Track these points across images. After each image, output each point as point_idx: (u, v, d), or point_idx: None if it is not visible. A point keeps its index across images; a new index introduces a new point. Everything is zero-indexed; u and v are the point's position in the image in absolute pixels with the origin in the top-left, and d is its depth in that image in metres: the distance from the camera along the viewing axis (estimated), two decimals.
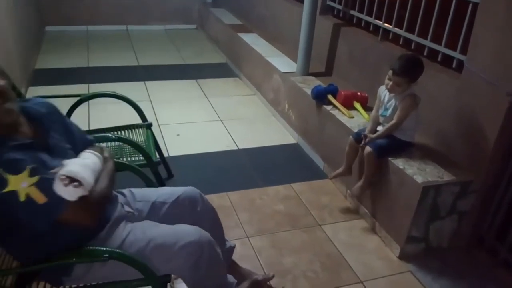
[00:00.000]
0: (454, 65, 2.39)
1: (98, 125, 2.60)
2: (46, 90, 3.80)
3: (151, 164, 2.23)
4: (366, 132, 2.39)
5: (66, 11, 5.73)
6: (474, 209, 2.26)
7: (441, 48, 2.46)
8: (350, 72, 3.31)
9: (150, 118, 2.72)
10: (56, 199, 1.25)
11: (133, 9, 6.09)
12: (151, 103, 3.89)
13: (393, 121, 2.29)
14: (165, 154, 2.93)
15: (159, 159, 2.46)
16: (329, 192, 2.80)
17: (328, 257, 2.24)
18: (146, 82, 4.33)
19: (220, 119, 3.71)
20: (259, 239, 2.33)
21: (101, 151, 1.55)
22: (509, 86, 1.98)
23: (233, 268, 1.87)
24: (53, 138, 1.43)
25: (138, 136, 2.50)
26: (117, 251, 1.40)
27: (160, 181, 2.36)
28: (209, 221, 1.74)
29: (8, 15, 3.56)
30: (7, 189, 1.20)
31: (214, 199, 2.62)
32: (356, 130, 2.54)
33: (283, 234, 2.39)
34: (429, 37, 2.53)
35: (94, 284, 1.50)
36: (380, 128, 2.40)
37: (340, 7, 3.45)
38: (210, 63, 5.11)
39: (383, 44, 2.95)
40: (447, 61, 2.45)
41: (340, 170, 2.58)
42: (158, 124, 3.49)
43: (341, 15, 3.49)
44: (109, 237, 1.47)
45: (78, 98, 2.50)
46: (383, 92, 2.39)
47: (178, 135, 3.38)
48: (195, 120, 3.66)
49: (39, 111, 1.45)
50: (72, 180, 1.27)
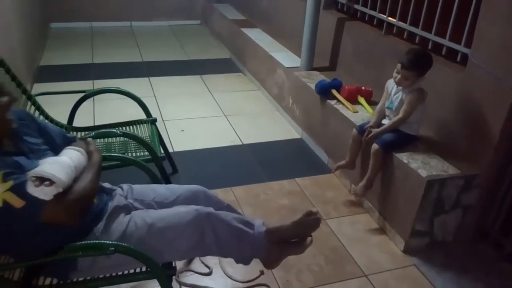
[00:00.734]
0: (459, 59, 2.38)
1: (103, 121, 2.62)
2: (51, 87, 3.82)
3: (156, 160, 2.25)
4: (371, 125, 2.39)
5: (71, 8, 5.76)
6: (479, 203, 2.26)
7: (446, 42, 2.45)
8: (354, 67, 3.30)
9: (155, 114, 2.73)
10: (33, 201, 1.24)
11: (137, 6, 6.11)
12: (156, 99, 3.90)
13: (400, 116, 2.28)
14: (170, 150, 2.94)
15: (164, 155, 2.48)
16: (334, 187, 2.81)
17: (333, 251, 2.25)
18: (151, 78, 4.34)
19: (224, 115, 3.72)
20: None
21: (87, 146, 1.52)
22: None
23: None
24: (26, 142, 1.43)
25: (143, 132, 2.51)
26: (123, 245, 1.40)
27: (165, 176, 2.37)
28: None
29: (14, 12, 3.58)
30: None
31: (219, 194, 2.59)
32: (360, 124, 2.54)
33: None
34: (434, 31, 2.52)
35: (101, 277, 1.52)
36: (385, 121, 2.40)
37: (344, 1, 3.44)
38: (214, 59, 5.12)
39: (387, 38, 2.94)
40: (452, 55, 2.44)
41: (343, 162, 2.59)
42: (163, 120, 3.50)
43: (345, 9, 3.48)
44: (109, 228, 1.48)
45: (83, 94, 2.52)
46: (391, 85, 2.39)
47: (183, 131, 3.39)
48: (199, 116, 3.67)
49: None
50: (43, 180, 1.25)
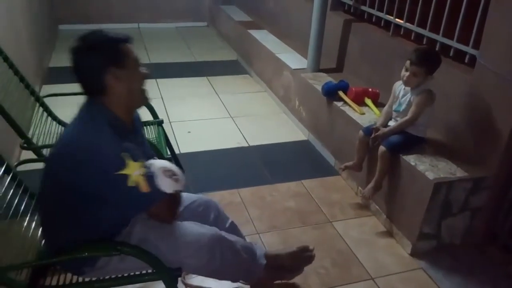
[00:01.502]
0: (467, 60, 2.36)
1: None
2: (60, 88, 3.80)
3: None
4: (378, 125, 2.38)
5: (79, 10, 5.80)
6: (487, 206, 2.24)
7: (453, 43, 2.43)
8: (361, 68, 3.29)
9: (161, 115, 2.73)
10: (156, 191, 1.34)
11: (145, 8, 6.14)
12: (162, 100, 3.91)
13: (407, 117, 2.26)
14: (176, 151, 2.95)
15: (170, 156, 2.48)
16: (340, 189, 2.79)
17: (339, 254, 2.24)
18: (158, 80, 4.35)
19: (231, 116, 3.72)
20: (270, 236, 2.34)
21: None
22: None
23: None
24: (139, 136, 1.58)
25: (150, 133, 2.52)
26: (128, 244, 1.44)
27: None
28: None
29: (23, 14, 3.62)
30: (124, 172, 1.29)
31: (225, 196, 2.63)
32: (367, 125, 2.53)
33: (294, 231, 2.39)
34: (441, 32, 2.51)
35: (107, 278, 1.53)
36: (392, 123, 2.38)
37: (351, 3, 3.43)
38: (221, 60, 5.13)
39: (395, 40, 2.93)
40: (460, 56, 2.42)
41: (351, 163, 2.57)
42: (169, 121, 3.52)
43: (352, 11, 3.47)
44: (132, 232, 1.51)
45: None
46: (399, 87, 2.38)
47: (189, 132, 3.40)
48: (206, 117, 3.68)
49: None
50: (173, 174, 1.38)
